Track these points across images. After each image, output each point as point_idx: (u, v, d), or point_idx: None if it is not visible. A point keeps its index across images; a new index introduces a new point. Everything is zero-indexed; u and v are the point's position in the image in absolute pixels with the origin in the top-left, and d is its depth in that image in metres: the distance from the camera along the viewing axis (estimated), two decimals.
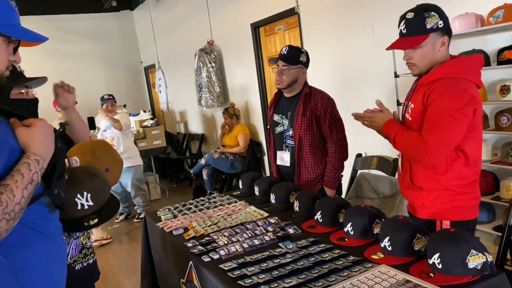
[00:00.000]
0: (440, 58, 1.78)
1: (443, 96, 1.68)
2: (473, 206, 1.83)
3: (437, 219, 1.79)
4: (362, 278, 1.48)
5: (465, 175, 1.78)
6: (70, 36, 8.43)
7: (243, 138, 5.41)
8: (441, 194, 1.80)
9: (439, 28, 1.73)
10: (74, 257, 1.72)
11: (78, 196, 1.24)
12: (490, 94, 2.71)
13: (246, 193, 2.79)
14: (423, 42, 1.74)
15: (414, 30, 1.75)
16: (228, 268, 1.69)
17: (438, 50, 1.76)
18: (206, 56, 6.05)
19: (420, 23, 1.73)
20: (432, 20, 1.72)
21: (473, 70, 1.75)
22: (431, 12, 1.73)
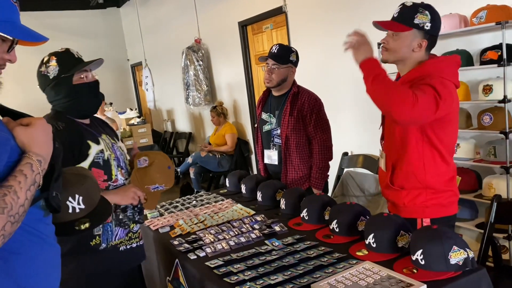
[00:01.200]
0: (415, 59, 1.79)
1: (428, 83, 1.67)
2: (452, 203, 1.86)
3: (417, 217, 1.81)
4: (346, 274, 1.50)
5: (442, 172, 1.81)
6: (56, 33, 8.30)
7: (231, 137, 5.41)
8: (421, 193, 1.82)
9: (424, 29, 1.74)
10: (121, 238, 1.77)
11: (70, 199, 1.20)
12: (473, 93, 2.76)
13: (233, 191, 2.79)
14: (402, 32, 1.75)
15: (403, 18, 1.75)
16: (214, 266, 1.69)
17: (413, 50, 1.77)
18: (194, 54, 6.04)
19: (410, 14, 1.74)
20: (422, 18, 1.73)
21: (451, 70, 1.77)
22: (426, 11, 1.74)
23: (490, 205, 2.08)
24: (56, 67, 1.67)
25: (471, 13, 2.59)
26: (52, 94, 1.71)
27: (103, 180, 1.72)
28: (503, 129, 2.47)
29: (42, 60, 1.72)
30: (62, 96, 1.70)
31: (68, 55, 1.71)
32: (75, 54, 1.73)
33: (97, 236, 1.70)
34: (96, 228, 1.67)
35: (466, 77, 2.82)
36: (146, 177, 1.84)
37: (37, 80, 1.73)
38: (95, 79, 1.78)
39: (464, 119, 2.74)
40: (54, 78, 1.68)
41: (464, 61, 2.65)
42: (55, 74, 1.67)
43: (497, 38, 2.54)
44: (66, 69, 1.68)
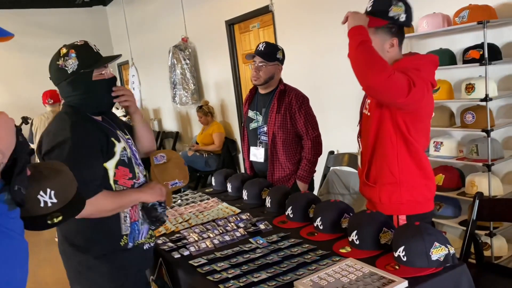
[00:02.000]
0: (390, 59, 1.75)
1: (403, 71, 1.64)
2: (427, 200, 1.86)
3: (393, 214, 1.80)
4: (329, 271, 1.50)
5: (416, 168, 1.80)
6: (40, 31, 8.22)
7: (218, 136, 5.40)
8: (395, 189, 1.81)
9: (399, 21, 1.70)
10: (146, 237, 1.75)
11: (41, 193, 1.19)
12: (456, 92, 2.79)
13: (219, 190, 2.79)
14: (375, 31, 1.72)
15: (377, 11, 1.72)
16: (198, 264, 1.69)
17: (387, 51, 1.75)
18: (181, 53, 6.01)
19: (385, 6, 1.70)
20: (397, 9, 1.69)
21: (428, 69, 1.73)
22: (400, 2, 1.71)
23: (472, 202, 2.11)
24: (75, 62, 1.58)
25: (454, 13, 2.62)
26: (68, 89, 1.62)
27: (128, 178, 1.67)
28: (485, 128, 2.50)
29: (59, 52, 1.61)
30: (80, 92, 1.61)
31: (87, 49, 1.62)
32: (93, 48, 1.64)
33: (125, 236, 1.66)
34: (124, 228, 1.65)
35: (450, 76, 2.86)
36: (165, 174, 1.83)
37: (51, 73, 1.64)
38: (113, 76, 1.71)
39: (447, 117, 2.77)
40: (73, 73, 1.58)
41: (447, 60, 2.69)
42: (74, 68, 1.58)
43: (479, 38, 2.57)
44: (85, 64, 1.59)
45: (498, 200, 2.39)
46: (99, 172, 1.57)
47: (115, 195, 1.60)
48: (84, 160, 1.52)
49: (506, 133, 2.74)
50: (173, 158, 1.88)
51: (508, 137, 2.75)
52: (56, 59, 1.60)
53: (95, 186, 1.53)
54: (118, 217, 1.64)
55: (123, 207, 1.63)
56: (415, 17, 2.85)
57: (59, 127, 1.57)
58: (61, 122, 1.59)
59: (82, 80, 1.60)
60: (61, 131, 1.55)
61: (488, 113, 2.50)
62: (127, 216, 1.66)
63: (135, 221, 1.69)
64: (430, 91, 1.73)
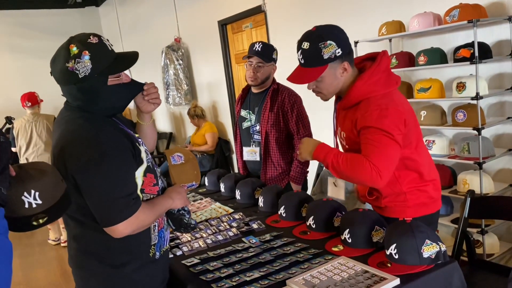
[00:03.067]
0: (346, 82, 1.74)
1: (372, 122, 1.63)
2: (434, 200, 1.84)
3: (399, 217, 1.75)
4: (322, 270, 1.51)
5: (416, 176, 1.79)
6: (32, 32, 8.17)
7: (211, 136, 5.39)
8: (400, 196, 1.79)
9: (337, 57, 1.66)
10: (168, 244, 1.64)
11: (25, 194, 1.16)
12: (447, 91, 2.81)
13: (212, 190, 2.79)
14: (322, 73, 1.68)
15: (312, 62, 1.68)
16: (191, 264, 1.69)
17: (341, 76, 1.72)
18: (173, 53, 5.99)
19: (316, 54, 1.66)
20: (329, 49, 1.64)
21: (383, 80, 1.69)
22: (327, 41, 1.65)
23: (464, 200, 2.12)
24: (88, 65, 1.34)
25: (445, 12, 2.63)
26: (77, 94, 1.39)
27: (153, 185, 1.50)
28: (476, 126, 2.52)
29: (68, 51, 1.35)
30: (91, 97, 1.40)
31: (103, 49, 1.38)
32: (108, 46, 1.41)
33: (153, 246, 1.52)
34: (153, 237, 1.51)
35: (441, 74, 2.88)
36: (182, 175, 1.71)
37: (55, 72, 1.40)
38: (130, 79, 1.49)
39: (439, 116, 2.79)
40: (85, 78, 1.35)
41: (438, 59, 2.71)
42: (87, 73, 1.34)
43: (470, 36, 2.59)
44: (100, 69, 1.36)
45: (489, 197, 2.40)
46: (135, 182, 1.42)
47: (152, 206, 1.46)
48: (123, 173, 1.37)
49: (497, 131, 2.76)
50: (191, 159, 1.76)
51: (499, 135, 2.77)
52: (65, 58, 1.35)
53: (135, 200, 1.39)
54: (148, 228, 1.50)
55: (159, 217, 1.51)
56: (406, 16, 2.90)
57: (85, 138, 1.36)
58: (85, 131, 1.37)
59: (95, 86, 1.38)
60: (90, 143, 1.35)
61: (479, 111, 2.51)
62: (156, 225, 1.53)
63: (161, 229, 1.57)
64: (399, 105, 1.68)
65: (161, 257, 1.57)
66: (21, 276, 4.02)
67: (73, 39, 1.38)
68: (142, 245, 1.50)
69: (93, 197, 1.35)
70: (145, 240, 1.50)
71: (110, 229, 1.36)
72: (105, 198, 1.34)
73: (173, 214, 1.61)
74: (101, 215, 1.36)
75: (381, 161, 1.58)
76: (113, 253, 1.46)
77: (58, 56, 1.39)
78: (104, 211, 1.35)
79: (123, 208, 1.35)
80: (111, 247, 1.45)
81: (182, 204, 1.58)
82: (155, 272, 1.55)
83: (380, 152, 1.60)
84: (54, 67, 1.40)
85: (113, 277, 1.48)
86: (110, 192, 1.34)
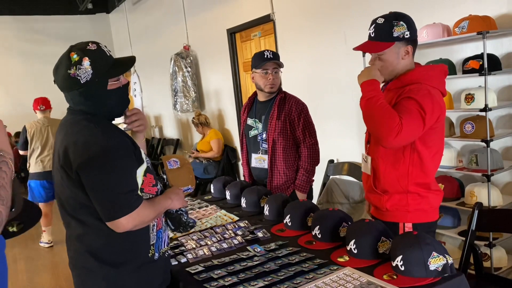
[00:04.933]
0: (405, 66, 1.83)
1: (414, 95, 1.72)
2: (434, 209, 1.90)
3: (399, 221, 1.84)
4: (326, 280, 1.49)
5: (425, 179, 1.83)
6: (43, 38, 8.28)
7: (216, 142, 5.40)
8: (403, 198, 1.84)
9: (405, 38, 1.78)
10: (167, 245, 1.69)
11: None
12: (456, 102, 2.79)
13: (218, 198, 2.78)
14: (387, 49, 1.79)
15: (382, 36, 1.79)
16: (195, 271, 1.68)
17: (402, 58, 1.81)
18: (182, 60, 6.04)
19: (388, 30, 1.77)
20: (400, 29, 1.76)
21: (438, 78, 1.82)
22: (400, 21, 1.77)
23: (471, 213, 2.10)
24: (89, 70, 1.43)
25: (454, 23, 2.63)
26: (80, 99, 1.48)
27: (152, 185, 1.55)
28: (485, 138, 2.50)
29: (69, 59, 1.44)
30: (93, 102, 1.48)
31: (101, 55, 1.47)
32: (106, 52, 1.50)
33: (152, 246, 1.56)
34: (152, 237, 1.56)
35: (449, 86, 2.84)
36: (178, 179, 1.79)
37: (58, 79, 1.49)
38: (127, 81, 1.59)
39: (447, 127, 2.77)
40: (86, 84, 1.44)
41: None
42: (88, 78, 1.43)
43: (479, 48, 2.58)
44: (100, 73, 1.45)
45: (497, 210, 2.38)
46: (136, 180, 1.48)
47: (153, 204, 1.51)
48: (125, 170, 1.44)
49: (505, 143, 2.74)
50: (186, 164, 1.86)
51: (508, 148, 2.74)
52: (66, 66, 1.44)
53: (137, 196, 1.45)
54: (148, 227, 1.54)
55: (159, 215, 1.57)
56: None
57: (89, 136, 1.43)
58: (88, 130, 1.44)
59: (96, 90, 1.47)
60: (93, 140, 1.41)
61: (488, 123, 2.49)
62: (154, 225, 1.58)
63: (159, 229, 1.61)
64: (442, 101, 1.78)
65: (160, 258, 1.60)
66: (25, 280, 4.02)
67: (73, 48, 1.47)
68: (141, 244, 1.54)
69: (97, 192, 1.41)
70: (144, 239, 1.55)
71: (113, 223, 1.41)
72: (109, 193, 1.40)
73: (171, 214, 1.68)
74: (105, 210, 1.41)
75: (408, 126, 1.65)
76: (114, 251, 1.51)
77: (60, 64, 1.47)
78: (108, 206, 1.41)
79: (125, 203, 1.41)
80: (112, 246, 1.50)
81: (180, 204, 1.65)
82: (154, 273, 1.58)
83: (411, 118, 1.67)
84: (57, 75, 1.49)
85: (112, 276, 1.51)
86: (114, 188, 1.40)
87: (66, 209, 1.53)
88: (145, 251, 1.55)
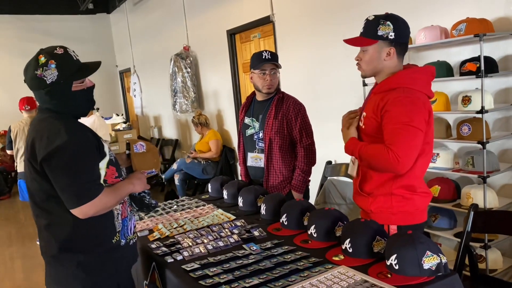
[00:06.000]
0: (388, 68, 1.83)
1: (399, 107, 1.72)
2: (420, 211, 1.88)
3: (384, 223, 1.81)
4: (321, 278, 1.50)
5: (410, 182, 1.82)
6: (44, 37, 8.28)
7: (215, 143, 5.41)
8: (387, 200, 1.84)
9: (389, 39, 1.78)
10: (133, 233, 1.79)
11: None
12: (453, 104, 2.81)
13: (215, 197, 2.79)
14: (369, 45, 1.82)
15: (367, 32, 1.83)
16: (191, 269, 1.69)
17: (384, 59, 1.81)
18: (182, 61, 6.05)
19: (373, 27, 1.80)
20: (385, 28, 1.78)
21: (424, 81, 1.80)
22: (388, 21, 1.78)
23: (467, 214, 2.11)
24: (54, 72, 1.55)
25: (452, 26, 2.64)
26: (46, 98, 1.60)
27: (115, 177, 1.68)
28: (481, 140, 2.51)
29: (37, 61, 1.57)
30: (58, 101, 1.60)
31: (67, 59, 1.60)
32: (73, 56, 1.63)
33: (117, 233, 1.68)
34: (117, 225, 1.68)
35: (446, 88, 2.88)
36: (143, 163, 1.91)
37: (26, 79, 1.61)
38: (93, 84, 1.71)
39: (444, 129, 2.78)
40: (52, 84, 1.56)
41: (444, 72, 2.71)
42: (53, 79, 1.56)
43: (476, 51, 2.60)
44: (65, 76, 1.58)
45: (493, 212, 2.39)
46: (98, 171, 1.60)
47: (114, 189, 1.63)
48: (87, 161, 1.55)
49: (502, 145, 2.75)
50: (152, 148, 1.98)
51: (504, 150, 2.76)
52: (34, 67, 1.56)
53: (98, 185, 1.56)
54: (113, 215, 1.67)
55: (121, 199, 1.68)
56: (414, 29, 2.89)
57: (53, 131, 1.55)
58: (53, 125, 1.57)
59: (61, 91, 1.59)
60: (57, 134, 1.53)
61: (484, 125, 2.51)
62: (119, 213, 1.70)
63: (125, 217, 1.73)
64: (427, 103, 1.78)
65: (126, 244, 1.72)
66: (22, 278, 4.03)
67: (42, 51, 1.60)
68: (107, 231, 1.65)
69: (60, 181, 1.52)
70: (110, 226, 1.66)
71: (76, 210, 1.52)
72: (71, 183, 1.51)
73: (135, 197, 1.82)
74: (68, 198, 1.52)
75: (401, 148, 1.69)
76: (81, 239, 1.61)
77: (29, 65, 1.60)
78: (70, 194, 1.52)
79: (87, 191, 1.52)
80: (78, 233, 1.60)
81: (142, 188, 1.78)
82: (121, 257, 1.71)
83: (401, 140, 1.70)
84: (26, 75, 1.60)
85: (81, 262, 1.61)
86: (76, 178, 1.51)
87: (35, 201, 1.64)
88: (111, 238, 1.66)
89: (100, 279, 1.65)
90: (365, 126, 1.88)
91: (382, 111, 1.77)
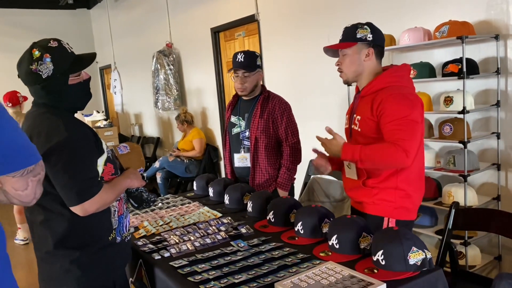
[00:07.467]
0: (369, 69, 1.93)
1: (395, 104, 1.79)
2: (415, 208, 1.98)
3: (385, 216, 1.89)
4: (309, 274, 1.52)
5: (412, 178, 1.90)
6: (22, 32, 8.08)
7: (198, 142, 5.39)
8: (390, 193, 1.90)
9: (367, 40, 1.90)
10: (128, 231, 1.78)
11: None
12: (435, 104, 2.87)
13: (200, 195, 2.78)
14: (349, 48, 1.92)
15: (346, 37, 1.93)
16: (178, 265, 1.68)
17: (364, 60, 1.92)
18: (165, 58, 6.00)
19: (352, 31, 1.92)
20: (363, 31, 1.90)
21: (407, 77, 1.94)
22: (365, 25, 1.92)
23: (448, 212, 2.16)
24: (50, 66, 1.51)
25: (435, 28, 2.70)
26: (42, 93, 1.56)
27: (112, 174, 1.66)
28: (462, 139, 2.57)
29: (31, 55, 1.52)
30: (54, 96, 1.57)
31: (62, 52, 1.55)
32: (68, 49, 1.58)
33: (113, 231, 1.67)
34: (114, 222, 1.66)
35: (429, 88, 2.94)
36: (129, 163, 1.89)
37: (21, 74, 1.56)
38: (89, 76, 1.68)
39: (426, 128, 2.83)
40: (48, 78, 1.52)
41: (427, 73, 2.77)
42: (49, 74, 1.51)
43: (458, 52, 2.66)
44: (61, 69, 1.54)
45: (473, 210, 2.46)
46: (97, 168, 1.58)
47: (112, 185, 1.62)
48: (86, 158, 1.53)
49: (481, 145, 2.83)
50: (135, 148, 1.99)
51: (484, 149, 2.83)
52: (28, 62, 1.52)
53: (98, 182, 1.55)
54: (110, 212, 1.65)
55: (119, 195, 1.67)
56: (397, 30, 2.97)
57: (52, 127, 1.51)
58: (51, 121, 1.53)
59: (57, 85, 1.55)
60: (56, 131, 1.49)
61: (465, 125, 2.57)
62: (116, 210, 1.68)
63: (121, 215, 1.72)
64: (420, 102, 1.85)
65: (121, 241, 1.71)
66: None
67: (35, 44, 1.55)
68: (103, 228, 1.64)
69: (61, 179, 1.49)
70: (106, 223, 1.64)
71: (77, 207, 1.50)
72: (72, 180, 1.48)
73: (133, 193, 1.81)
74: (68, 195, 1.49)
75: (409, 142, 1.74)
76: (77, 235, 1.58)
77: (23, 60, 1.55)
78: (71, 191, 1.49)
79: (88, 189, 1.50)
80: (75, 230, 1.58)
81: (138, 183, 1.76)
82: (116, 254, 1.69)
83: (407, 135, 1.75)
84: (20, 70, 1.56)
85: (76, 258, 1.58)
86: (76, 175, 1.48)
87: None
88: (107, 234, 1.65)
89: (95, 276, 1.62)
90: (361, 129, 1.92)
91: (377, 111, 1.82)
